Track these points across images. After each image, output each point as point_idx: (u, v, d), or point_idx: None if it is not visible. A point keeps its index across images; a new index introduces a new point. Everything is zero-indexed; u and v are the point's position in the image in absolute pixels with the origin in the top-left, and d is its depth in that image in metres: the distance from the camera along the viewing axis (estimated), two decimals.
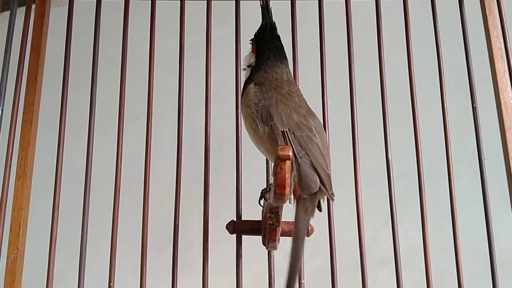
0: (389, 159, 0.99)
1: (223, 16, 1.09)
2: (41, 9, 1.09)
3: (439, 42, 1.06)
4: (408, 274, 0.94)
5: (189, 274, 0.97)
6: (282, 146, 0.70)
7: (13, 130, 1.00)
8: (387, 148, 1.00)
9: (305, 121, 0.85)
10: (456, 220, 0.97)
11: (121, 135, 1.01)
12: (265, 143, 0.86)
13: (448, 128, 1.01)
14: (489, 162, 1.01)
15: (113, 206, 0.97)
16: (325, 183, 0.81)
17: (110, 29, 1.11)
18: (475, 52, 1.06)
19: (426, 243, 0.95)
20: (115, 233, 0.96)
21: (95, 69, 1.05)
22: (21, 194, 0.99)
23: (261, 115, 0.85)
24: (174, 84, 1.06)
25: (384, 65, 1.04)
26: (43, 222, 1.01)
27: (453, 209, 0.98)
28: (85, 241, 0.96)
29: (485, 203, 0.98)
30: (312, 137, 0.83)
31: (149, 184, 0.98)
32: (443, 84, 1.04)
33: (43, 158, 1.11)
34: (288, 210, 0.86)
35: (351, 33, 1.06)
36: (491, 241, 0.96)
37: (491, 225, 0.97)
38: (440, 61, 1.05)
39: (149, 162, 0.99)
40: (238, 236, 0.96)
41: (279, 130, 0.83)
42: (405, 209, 0.96)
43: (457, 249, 0.96)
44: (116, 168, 0.99)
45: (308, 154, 0.81)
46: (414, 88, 1.03)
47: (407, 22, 1.07)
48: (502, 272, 0.96)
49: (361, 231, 0.95)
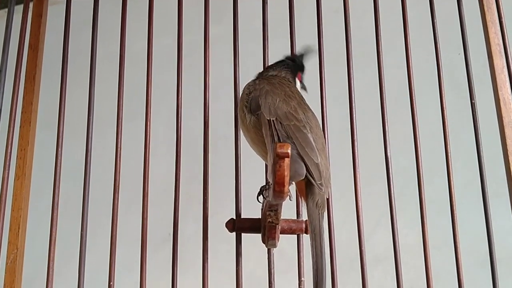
0: (388, 157, 0.99)
1: (219, 14, 1.09)
2: (38, 8, 1.09)
3: (438, 40, 1.06)
4: (403, 272, 0.94)
5: (186, 272, 0.97)
6: (280, 144, 0.70)
7: (11, 130, 1.00)
8: (386, 146, 1.00)
9: (294, 112, 0.85)
10: (455, 219, 0.97)
11: (119, 133, 1.01)
12: (250, 133, 0.86)
13: (447, 128, 1.01)
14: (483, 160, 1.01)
15: (112, 206, 0.97)
16: (312, 172, 0.81)
17: (105, 27, 1.11)
18: (472, 49, 1.06)
19: (426, 242, 0.95)
20: (114, 233, 0.96)
21: (93, 68, 1.05)
22: (20, 194, 0.99)
23: (249, 106, 0.87)
24: (169, 83, 1.06)
25: (382, 64, 1.04)
26: (42, 221, 1.01)
27: (452, 208, 0.97)
28: (84, 240, 0.96)
29: (484, 202, 0.98)
30: (300, 127, 0.83)
31: (148, 183, 0.98)
32: (441, 83, 1.04)
33: (41, 156, 1.11)
34: (287, 208, 0.86)
35: (349, 31, 1.06)
36: (491, 239, 0.96)
37: (490, 223, 0.97)
38: (438, 59, 1.05)
39: (148, 160, 0.99)
40: (237, 234, 0.95)
41: (265, 119, 0.84)
42: (399, 208, 0.97)
43: (457, 247, 0.96)
44: (115, 168, 0.99)
45: (295, 143, 0.81)
46: (412, 88, 1.03)
47: (405, 21, 1.07)
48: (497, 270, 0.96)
49: (361, 230, 0.95)
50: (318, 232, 0.80)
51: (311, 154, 0.81)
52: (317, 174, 0.82)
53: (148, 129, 1.01)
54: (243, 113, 0.88)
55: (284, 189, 0.71)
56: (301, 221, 0.94)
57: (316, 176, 0.81)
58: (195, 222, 1.05)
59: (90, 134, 1.01)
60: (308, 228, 0.92)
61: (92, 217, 0.98)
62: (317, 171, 0.82)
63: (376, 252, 1.30)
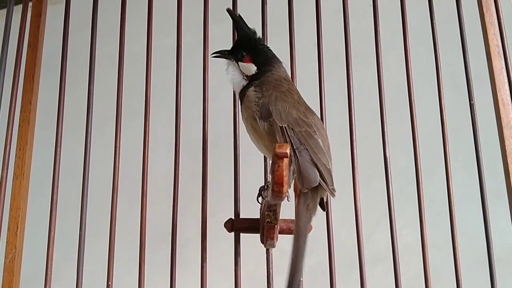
0: (387, 157, 0.99)
1: (218, 14, 1.09)
2: (37, 8, 1.09)
3: (437, 40, 1.06)
4: (403, 272, 0.94)
5: (184, 272, 0.97)
6: (279, 144, 0.70)
7: (10, 129, 1.00)
8: (385, 146, 1.00)
9: (304, 117, 0.85)
10: (454, 218, 0.97)
11: (119, 133, 1.01)
12: (264, 140, 0.86)
13: (445, 128, 1.01)
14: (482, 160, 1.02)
15: (111, 206, 0.97)
16: (325, 178, 0.81)
17: (105, 26, 1.11)
18: (471, 50, 1.07)
19: (424, 241, 0.95)
20: (113, 232, 0.96)
21: (92, 67, 1.05)
22: (19, 194, 0.99)
23: (260, 113, 0.86)
24: (168, 82, 1.06)
25: (381, 64, 1.04)
26: (41, 221, 1.01)
27: (451, 208, 0.98)
28: (83, 239, 0.96)
29: (483, 202, 0.98)
30: (311, 133, 0.84)
31: (147, 183, 0.98)
32: (440, 83, 1.04)
33: (40, 155, 1.11)
34: (286, 208, 0.86)
35: (348, 30, 1.06)
36: (489, 239, 0.97)
37: (489, 223, 0.97)
38: (437, 60, 1.05)
39: (147, 160, 0.99)
40: (236, 234, 0.96)
41: (278, 125, 0.83)
42: (398, 207, 0.97)
43: (455, 246, 0.96)
44: (114, 167, 0.99)
45: (308, 149, 0.81)
46: (412, 88, 1.03)
47: (405, 21, 1.07)
48: (495, 270, 0.96)
49: (359, 229, 0.95)
50: (303, 234, 0.79)
51: (323, 160, 0.82)
52: (330, 179, 0.82)
53: (147, 128, 1.01)
54: (254, 121, 0.86)
55: (283, 189, 0.71)
56: None
57: (329, 181, 0.82)
58: (194, 221, 1.05)
59: (89, 133, 1.01)
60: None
61: (91, 216, 0.98)
62: (330, 176, 0.82)
63: (376, 251, 1.30)
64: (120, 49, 1.05)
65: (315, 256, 1.09)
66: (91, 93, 1.03)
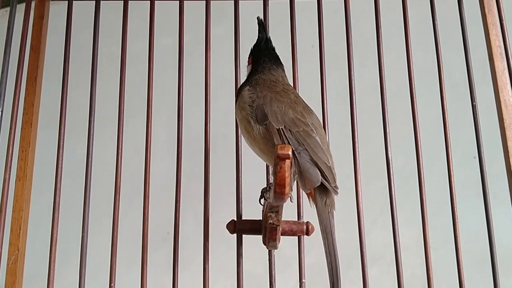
0: (389, 157, 0.99)
1: (219, 15, 1.09)
2: (40, 10, 1.09)
3: (438, 41, 1.06)
4: None
5: (184, 272, 0.97)
6: (281, 145, 0.70)
7: (13, 131, 1.00)
8: (386, 146, 1.00)
9: (301, 117, 0.85)
10: (456, 218, 0.97)
11: (120, 133, 1.01)
12: (259, 143, 0.85)
13: (448, 128, 1.01)
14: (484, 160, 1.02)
15: (113, 206, 0.97)
16: (327, 176, 0.81)
17: (107, 27, 1.11)
18: (473, 51, 1.06)
19: (427, 242, 0.95)
20: (115, 233, 0.96)
21: (95, 68, 1.05)
22: (21, 195, 0.99)
23: (255, 116, 0.85)
24: (168, 83, 1.06)
25: (383, 64, 1.04)
26: (43, 222, 1.01)
27: (453, 208, 0.98)
28: (85, 241, 0.96)
29: (485, 202, 0.98)
30: (309, 132, 0.83)
31: (149, 183, 0.98)
32: (442, 85, 1.04)
33: (42, 158, 1.11)
34: (288, 209, 0.86)
35: (350, 31, 1.06)
36: (492, 239, 0.96)
37: (491, 223, 0.97)
38: (439, 61, 1.05)
39: (149, 160, 0.99)
40: (238, 236, 0.95)
41: (274, 128, 0.83)
42: (396, 207, 0.97)
43: (458, 247, 0.96)
44: (116, 167, 0.99)
45: (307, 149, 0.82)
46: (413, 88, 1.03)
47: (406, 22, 1.07)
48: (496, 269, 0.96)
49: (361, 229, 0.95)
50: (330, 231, 0.81)
51: (323, 158, 0.82)
52: (331, 177, 0.82)
53: (149, 129, 1.01)
54: (248, 124, 0.86)
55: (285, 190, 0.71)
56: (302, 222, 0.94)
57: (330, 179, 0.82)
58: (195, 221, 1.05)
59: (92, 134, 1.01)
60: (309, 229, 0.92)
61: (93, 217, 0.98)
62: (331, 173, 0.82)
63: (372, 251, 1.30)
64: (122, 49, 1.05)
65: (314, 256, 1.09)
66: (93, 93, 1.03)
